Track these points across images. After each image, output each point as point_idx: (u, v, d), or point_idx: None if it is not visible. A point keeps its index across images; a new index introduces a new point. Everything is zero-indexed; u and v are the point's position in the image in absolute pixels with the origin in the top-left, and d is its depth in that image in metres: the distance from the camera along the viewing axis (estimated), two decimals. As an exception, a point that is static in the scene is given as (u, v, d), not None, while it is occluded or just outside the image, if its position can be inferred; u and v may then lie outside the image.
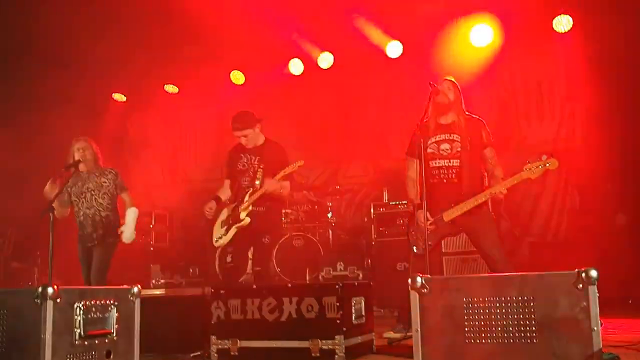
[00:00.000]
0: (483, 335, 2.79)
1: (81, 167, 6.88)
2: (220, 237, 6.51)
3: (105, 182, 7.00)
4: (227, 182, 6.77)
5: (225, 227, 6.49)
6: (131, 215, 6.99)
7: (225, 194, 6.73)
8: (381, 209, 9.27)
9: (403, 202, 9.01)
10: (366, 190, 11.13)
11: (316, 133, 11.29)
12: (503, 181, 5.34)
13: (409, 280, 2.98)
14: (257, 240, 6.52)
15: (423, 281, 2.94)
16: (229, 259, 6.67)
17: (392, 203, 9.22)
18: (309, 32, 10.54)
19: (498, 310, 2.78)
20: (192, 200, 10.98)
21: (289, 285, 5.58)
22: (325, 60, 11.13)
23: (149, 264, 9.27)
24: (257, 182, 6.34)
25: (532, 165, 5.15)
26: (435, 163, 5.72)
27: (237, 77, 11.80)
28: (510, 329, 2.75)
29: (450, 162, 5.66)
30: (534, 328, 2.72)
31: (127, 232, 6.89)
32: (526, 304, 2.74)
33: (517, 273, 2.87)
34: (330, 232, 9.88)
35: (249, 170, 6.46)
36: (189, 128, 12.83)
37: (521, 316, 2.74)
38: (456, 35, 9.93)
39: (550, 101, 10.00)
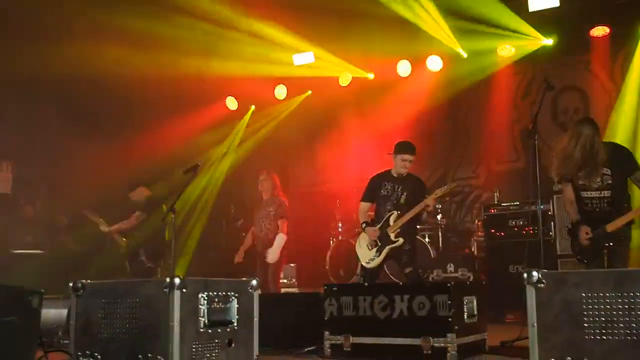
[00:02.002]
0: (604, 331, 2.73)
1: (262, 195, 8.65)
2: (372, 259, 6.92)
3: (272, 210, 8.52)
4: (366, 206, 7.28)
5: (376, 248, 6.91)
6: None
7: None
8: (492, 211, 9.12)
9: (515, 202, 8.84)
10: (477, 192, 10.99)
11: (425, 134, 11.26)
12: None
13: (525, 275, 2.96)
14: None
15: (540, 276, 2.91)
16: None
17: (503, 204, 9.05)
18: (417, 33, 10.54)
19: (621, 307, 2.71)
20: (302, 203, 11.21)
21: (401, 283, 5.63)
22: (435, 62, 11.08)
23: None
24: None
25: None
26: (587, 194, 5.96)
27: (345, 77, 11.89)
28: (634, 325, 2.68)
29: (601, 193, 5.89)
30: (658, 325, 2.64)
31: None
32: (650, 301, 2.67)
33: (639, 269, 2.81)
34: (440, 234, 9.82)
35: (391, 196, 6.99)
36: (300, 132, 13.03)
37: (644, 313, 2.67)
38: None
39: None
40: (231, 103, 12.92)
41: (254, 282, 3.73)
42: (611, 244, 5.83)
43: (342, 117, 12.08)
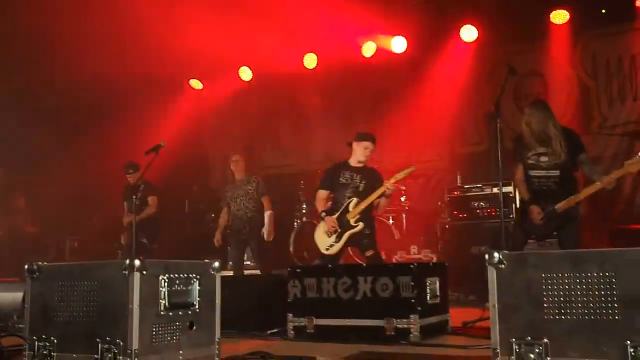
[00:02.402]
0: (563, 311, 2.76)
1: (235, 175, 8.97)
2: (332, 245, 6.96)
3: (251, 189, 8.88)
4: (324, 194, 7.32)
5: (335, 234, 6.93)
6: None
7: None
8: (455, 193, 9.20)
9: (477, 185, 8.93)
10: (440, 174, 11.05)
11: (390, 117, 11.27)
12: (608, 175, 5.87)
13: (486, 256, 2.97)
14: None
15: (500, 257, 2.93)
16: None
17: (466, 187, 9.13)
18: (382, 14, 10.52)
19: (578, 286, 2.74)
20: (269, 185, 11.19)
21: (364, 265, 5.63)
22: (399, 44, 11.07)
23: (226, 247, 9.45)
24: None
25: (633, 161, 5.68)
26: (535, 173, 6.26)
27: (309, 60, 11.83)
28: (592, 305, 2.71)
29: (549, 172, 6.20)
30: (616, 305, 2.66)
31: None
32: (608, 280, 2.69)
33: (598, 249, 2.83)
34: (404, 215, 9.87)
35: (350, 184, 7.06)
36: (263, 114, 12.97)
37: (602, 292, 2.69)
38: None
39: (634, 81, 9.66)
40: (196, 84, 12.82)
41: (216, 264, 3.70)
42: (562, 224, 6.05)
43: (307, 99, 12.05)
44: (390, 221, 9.65)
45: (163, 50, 10.41)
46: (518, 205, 6.37)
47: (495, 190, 8.59)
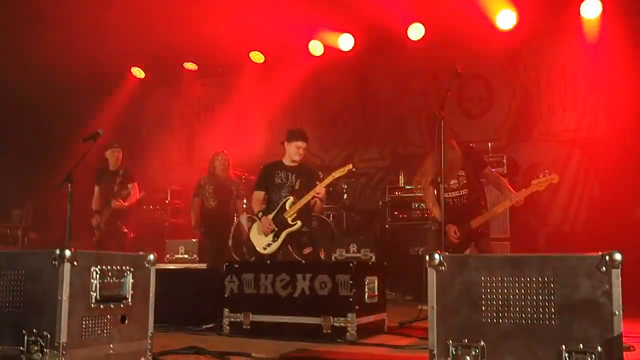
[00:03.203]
0: (500, 314, 2.76)
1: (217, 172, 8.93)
2: (269, 245, 6.82)
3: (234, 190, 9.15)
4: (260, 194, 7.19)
5: (272, 234, 6.81)
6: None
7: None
8: (396, 193, 9.24)
9: (419, 187, 8.95)
10: (382, 174, 11.09)
11: (333, 115, 11.27)
12: (516, 192, 6.09)
13: (427, 257, 2.95)
14: None
15: (441, 258, 2.92)
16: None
17: (407, 187, 9.17)
18: (330, 12, 10.48)
19: (517, 291, 2.74)
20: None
21: (303, 262, 5.59)
22: (346, 42, 11.06)
23: (164, 239, 9.30)
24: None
25: (539, 180, 5.93)
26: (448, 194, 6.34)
27: (257, 56, 11.76)
28: (529, 309, 2.71)
29: (459, 192, 6.36)
30: (553, 310, 2.67)
31: None
32: (546, 285, 2.70)
33: (538, 254, 2.84)
34: (345, 214, 9.85)
35: (286, 183, 6.97)
36: (206, 106, 12.82)
37: (540, 297, 2.70)
38: (480, 18, 9.81)
39: (574, 90, 9.85)
40: (138, 72, 12.60)
41: (151, 256, 3.59)
42: (477, 238, 6.25)
43: (250, 92, 11.96)
44: (330, 219, 9.62)
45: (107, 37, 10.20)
46: (432, 228, 6.48)
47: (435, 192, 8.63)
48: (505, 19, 9.81)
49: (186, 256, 9.09)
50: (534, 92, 10.13)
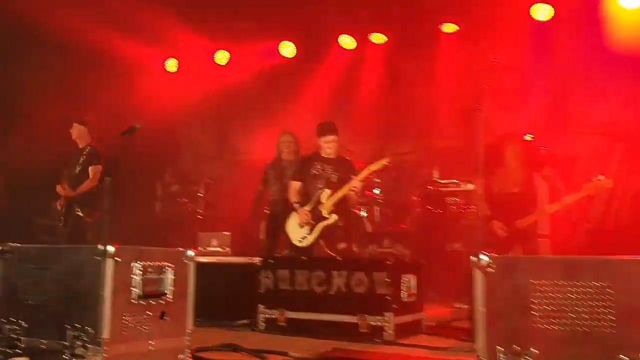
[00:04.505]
0: (553, 320, 2.66)
1: (283, 155, 8.18)
2: (305, 237, 6.79)
3: None
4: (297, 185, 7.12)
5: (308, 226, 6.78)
6: None
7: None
8: (430, 187, 9.12)
9: (453, 180, 8.85)
10: (415, 167, 10.97)
11: (365, 109, 11.15)
12: (569, 194, 5.89)
13: (473, 259, 2.87)
14: None
15: (489, 260, 2.83)
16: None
17: (442, 181, 9.04)
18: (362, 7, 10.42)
19: (571, 295, 2.64)
20: (240, 171, 11.07)
21: (339, 258, 5.54)
22: (378, 36, 10.98)
23: (196, 232, 9.29)
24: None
25: (591, 185, 5.74)
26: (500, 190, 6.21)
27: (287, 48, 11.70)
28: (585, 315, 2.61)
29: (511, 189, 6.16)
30: (611, 317, 2.57)
31: None
32: (603, 291, 2.59)
33: (594, 256, 2.73)
34: (377, 208, 9.76)
35: (322, 175, 6.90)
36: (239, 99, 12.78)
37: (597, 303, 2.59)
38: (514, 10, 9.66)
39: (615, 80, 9.61)
40: (171, 64, 12.59)
41: (190, 252, 3.56)
42: (523, 238, 6.09)
43: (281, 85, 11.90)
44: (363, 213, 9.54)
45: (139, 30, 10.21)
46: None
47: (471, 186, 8.52)
48: (542, 11, 9.66)
49: (219, 249, 9.06)
50: (572, 83, 9.93)
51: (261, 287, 5.28)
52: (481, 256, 2.88)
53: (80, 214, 7.95)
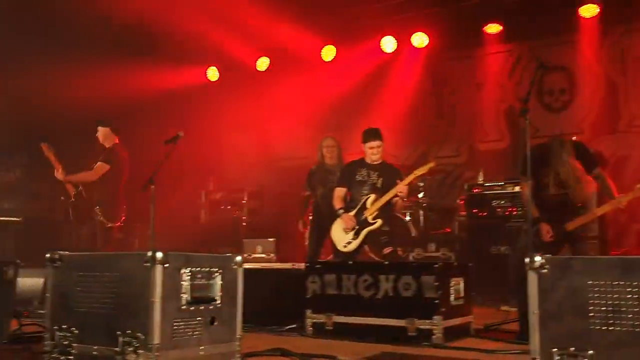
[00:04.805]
0: (611, 321, 2.59)
1: (326, 160, 8.09)
2: (349, 242, 6.81)
3: None
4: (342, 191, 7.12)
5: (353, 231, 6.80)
6: None
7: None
8: (475, 190, 9.01)
9: (499, 183, 8.73)
10: (459, 170, 10.89)
11: (408, 112, 11.11)
12: (619, 196, 5.72)
13: (527, 260, 2.81)
14: None
15: (543, 261, 2.77)
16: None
17: (487, 184, 8.93)
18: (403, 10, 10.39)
19: (629, 296, 2.57)
20: (283, 177, 11.11)
21: (386, 263, 5.50)
22: (420, 39, 10.93)
23: (241, 239, 9.35)
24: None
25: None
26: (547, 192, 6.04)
27: (328, 53, 11.69)
28: (642, 316, 2.55)
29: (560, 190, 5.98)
30: (669, 317, 2.50)
31: None
32: (661, 291, 2.53)
33: (652, 256, 2.66)
34: (422, 212, 9.69)
35: (367, 181, 6.91)
36: (280, 105, 12.82)
37: (655, 304, 2.53)
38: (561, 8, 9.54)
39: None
40: (212, 73, 12.71)
41: (239, 257, 3.57)
42: (572, 241, 5.95)
43: (322, 91, 11.91)
44: (408, 218, 9.49)
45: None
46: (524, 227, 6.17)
47: (517, 188, 8.40)
48: (588, 10, 9.53)
49: (264, 255, 9.11)
50: (619, 82, 9.75)
51: (308, 291, 5.26)
52: (535, 257, 2.82)
53: (102, 219, 7.77)
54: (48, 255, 3.35)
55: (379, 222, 6.70)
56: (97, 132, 8.14)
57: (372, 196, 6.77)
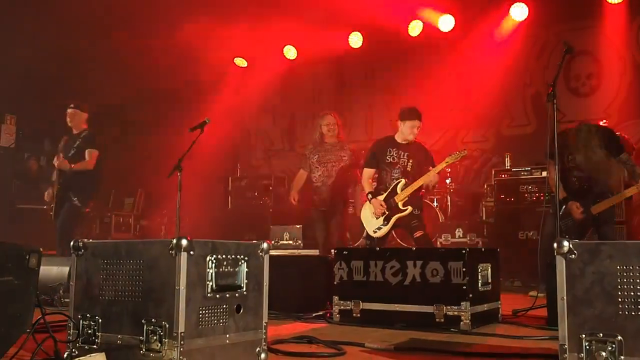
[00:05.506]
0: (639, 307, 2.55)
1: (326, 138, 7.92)
2: (380, 228, 6.81)
3: (345, 156, 7.88)
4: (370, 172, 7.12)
5: (383, 217, 6.78)
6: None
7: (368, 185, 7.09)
8: (503, 176, 8.95)
9: (526, 168, 8.67)
10: (486, 156, 10.80)
11: (435, 97, 11.03)
12: None
13: (555, 245, 2.77)
14: None
15: (571, 246, 2.73)
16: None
17: (514, 170, 8.86)
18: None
19: (656, 281, 2.53)
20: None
21: (413, 249, 5.47)
22: (446, 22, 10.82)
23: (268, 225, 9.35)
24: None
25: None
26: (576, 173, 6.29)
27: (355, 39, 11.66)
28: (671, 301, 2.50)
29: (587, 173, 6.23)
30: (703, 302, 2.46)
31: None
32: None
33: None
34: (449, 198, 9.65)
35: (398, 163, 6.86)
36: (307, 93, 12.80)
37: (683, 288, 2.48)
38: None
39: None
40: (240, 62, 12.72)
41: (265, 245, 3.55)
42: (598, 224, 5.93)
43: (351, 78, 11.89)
44: (435, 204, 9.44)
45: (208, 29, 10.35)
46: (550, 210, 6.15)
47: (544, 174, 8.32)
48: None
49: (291, 242, 9.08)
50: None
51: (335, 278, 5.25)
52: (563, 242, 2.77)
53: (77, 203, 7.68)
54: (72, 243, 3.36)
55: (409, 209, 6.68)
56: (68, 114, 7.96)
57: (403, 181, 6.73)
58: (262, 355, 3.39)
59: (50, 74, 10.67)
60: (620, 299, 2.61)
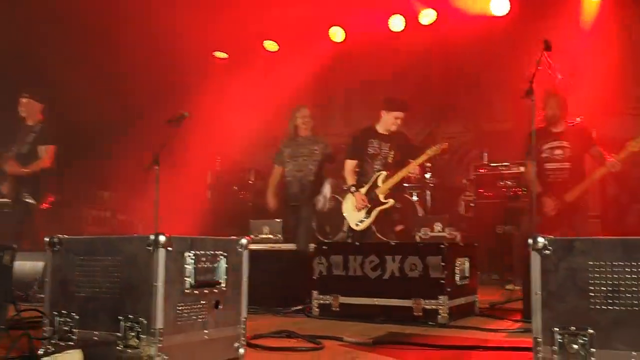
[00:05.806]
0: (610, 301, 2.60)
1: (300, 132, 7.72)
2: (362, 221, 6.83)
3: (317, 150, 7.70)
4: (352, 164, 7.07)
5: (365, 210, 6.79)
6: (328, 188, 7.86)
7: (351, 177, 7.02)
8: (481, 170, 9.02)
9: (504, 163, 8.74)
10: (465, 149, 10.87)
11: (415, 90, 11.06)
12: (612, 158, 6.04)
13: (529, 241, 2.81)
14: None
15: (545, 242, 2.77)
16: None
17: (492, 164, 8.93)
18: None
19: (628, 276, 2.58)
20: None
21: (392, 243, 5.51)
22: (427, 16, 10.85)
23: (248, 219, 9.36)
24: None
25: (635, 142, 5.90)
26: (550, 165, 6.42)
27: (336, 33, 11.66)
28: (640, 296, 2.55)
29: (562, 164, 6.39)
30: (669, 295, 2.51)
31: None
32: (659, 270, 2.53)
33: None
34: (428, 192, 9.69)
35: (379, 154, 6.84)
36: (289, 85, 12.77)
37: (653, 283, 2.54)
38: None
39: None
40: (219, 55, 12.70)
41: (244, 240, 3.57)
42: (571, 214, 6.04)
43: (330, 72, 11.90)
44: (414, 197, 9.48)
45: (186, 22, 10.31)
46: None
47: (522, 169, 8.40)
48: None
49: (270, 236, 9.09)
50: (624, 65, 9.69)
51: (315, 272, 5.28)
52: (538, 238, 2.81)
53: (29, 200, 7.32)
54: (47, 239, 3.33)
55: (391, 201, 6.71)
56: (20, 104, 7.52)
57: (384, 173, 6.75)
58: (241, 351, 3.40)
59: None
60: (592, 294, 2.66)
